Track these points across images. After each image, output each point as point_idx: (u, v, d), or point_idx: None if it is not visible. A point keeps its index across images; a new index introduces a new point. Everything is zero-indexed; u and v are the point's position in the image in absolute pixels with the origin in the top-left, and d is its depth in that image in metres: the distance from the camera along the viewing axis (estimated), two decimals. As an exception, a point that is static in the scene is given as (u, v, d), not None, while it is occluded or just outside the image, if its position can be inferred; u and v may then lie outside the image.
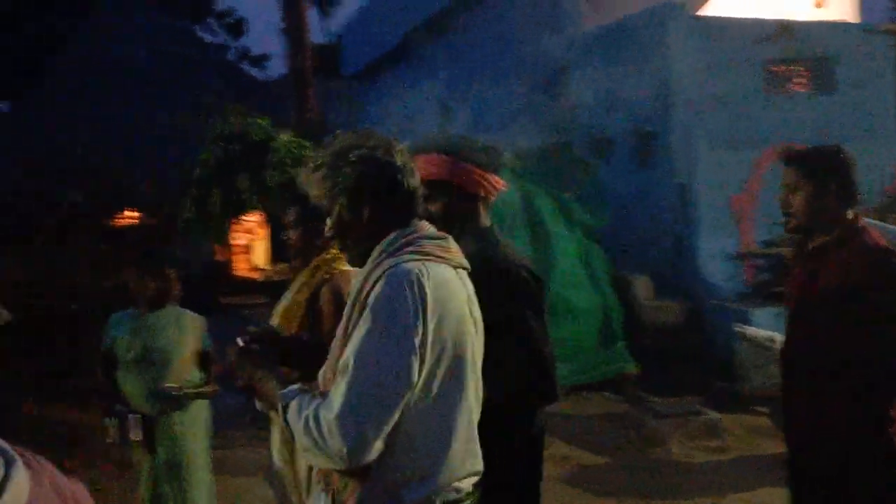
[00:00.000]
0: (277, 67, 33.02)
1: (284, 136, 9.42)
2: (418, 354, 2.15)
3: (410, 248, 2.28)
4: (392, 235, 2.33)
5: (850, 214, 3.27)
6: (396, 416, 2.14)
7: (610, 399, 9.33)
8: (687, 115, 11.57)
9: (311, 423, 2.13)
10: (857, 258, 3.14)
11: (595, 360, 9.69)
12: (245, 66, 32.36)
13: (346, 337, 2.23)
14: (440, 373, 2.23)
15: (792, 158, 3.37)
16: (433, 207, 2.95)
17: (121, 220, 18.46)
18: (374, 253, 2.31)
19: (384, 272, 2.22)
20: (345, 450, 2.09)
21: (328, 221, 2.43)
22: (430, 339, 2.18)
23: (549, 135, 13.56)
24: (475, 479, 2.37)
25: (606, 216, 11.17)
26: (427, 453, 2.24)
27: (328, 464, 2.17)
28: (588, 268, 10.37)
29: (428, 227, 2.40)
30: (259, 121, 9.52)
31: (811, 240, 3.33)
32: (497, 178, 3.03)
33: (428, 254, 2.28)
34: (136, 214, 18.48)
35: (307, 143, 9.48)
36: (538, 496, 2.99)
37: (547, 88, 14.65)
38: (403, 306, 2.15)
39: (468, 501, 2.32)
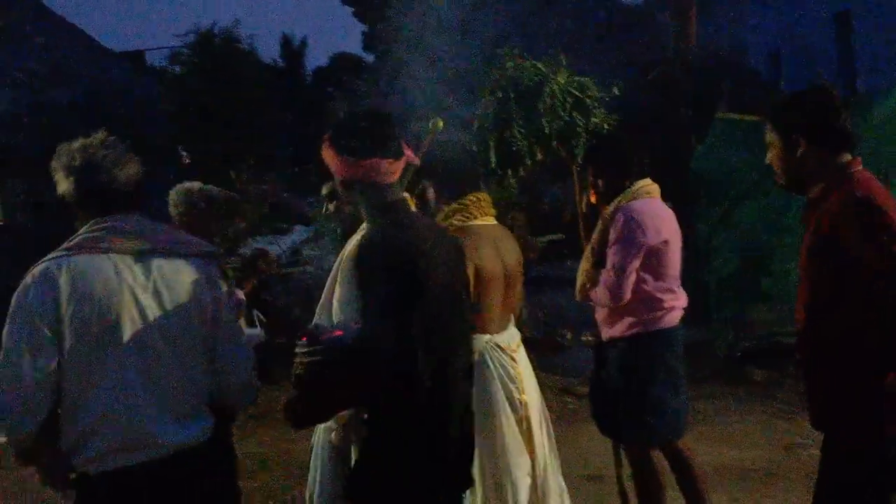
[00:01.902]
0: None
1: (561, 79, 9.04)
2: (42, 339, 2.68)
3: (65, 245, 2.82)
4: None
5: (844, 159, 3.14)
6: (33, 389, 2.68)
7: None
8: None
9: None
10: (835, 209, 3.03)
11: None
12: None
13: None
14: (83, 351, 2.71)
15: (766, 114, 3.30)
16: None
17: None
18: None
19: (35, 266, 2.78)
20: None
21: None
22: (65, 323, 2.70)
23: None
24: (156, 452, 2.78)
25: None
26: (79, 423, 2.74)
27: None
28: None
29: (114, 220, 2.85)
30: (536, 64, 9.21)
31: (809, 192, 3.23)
32: (381, 161, 2.99)
33: (78, 246, 2.80)
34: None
35: (590, 83, 9.08)
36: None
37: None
38: (29, 297, 2.71)
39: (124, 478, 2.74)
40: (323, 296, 3.18)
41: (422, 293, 2.88)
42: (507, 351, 3.98)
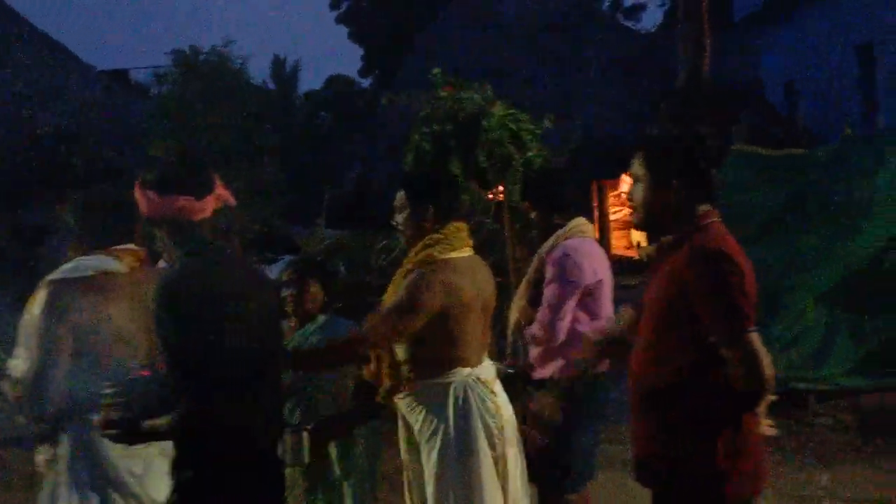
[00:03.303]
0: (649, 19, 32.80)
1: (498, 111, 9.14)
2: None
3: None
4: None
5: (702, 210, 3.20)
6: None
7: None
8: None
9: None
10: (686, 259, 3.09)
11: None
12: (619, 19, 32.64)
13: None
14: None
15: (639, 146, 3.35)
16: None
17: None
18: None
19: None
20: None
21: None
22: None
23: None
24: None
25: None
26: None
27: None
28: None
29: None
30: (473, 95, 9.29)
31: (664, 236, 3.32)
32: (181, 198, 3.11)
33: None
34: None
35: (524, 117, 9.21)
36: None
37: None
38: None
39: None
40: None
41: (223, 333, 3.00)
42: (486, 384, 4.03)
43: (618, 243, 21.27)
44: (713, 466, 3.07)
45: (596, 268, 4.69)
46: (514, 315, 4.82)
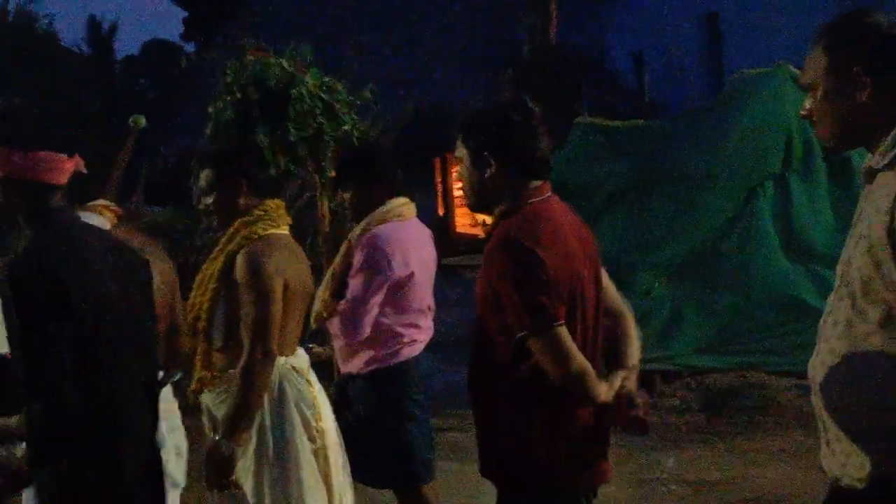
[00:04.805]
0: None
1: (310, 80, 9.05)
2: None
3: None
4: None
5: (533, 186, 3.14)
6: None
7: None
8: None
9: None
10: (491, 245, 3.10)
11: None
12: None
13: None
14: None
15: (460, 124, 3.31)
16: None
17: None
18: None
19: None
20: None
21: None
22: None
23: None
24: None
25: None
26: None
27: None
28: None
29: None
30: (282, 62, 9.19)
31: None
32: (55, 156, 2.96)
33: None
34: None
35: (340, 86, 9.20)
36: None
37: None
38: None
39: None
40: None
41: (77, 313, 2.85)
42: (301, 374, 3.94)
43: (462, 221, 21.28)
44: (530, 454, 3.05)
45: (409, 258, 4.51)
46: (316, 305, 4.67)
